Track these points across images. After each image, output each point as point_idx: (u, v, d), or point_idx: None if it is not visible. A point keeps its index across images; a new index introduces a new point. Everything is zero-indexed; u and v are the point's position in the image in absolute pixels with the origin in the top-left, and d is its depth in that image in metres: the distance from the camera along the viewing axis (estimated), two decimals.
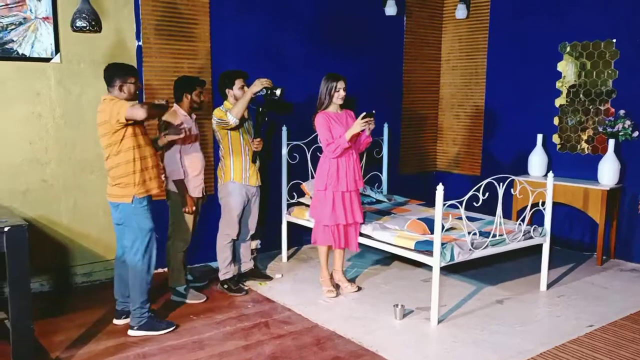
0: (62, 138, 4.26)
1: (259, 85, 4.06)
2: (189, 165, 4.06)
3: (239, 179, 4.27)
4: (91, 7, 3.74)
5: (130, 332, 3.57)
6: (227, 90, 4.29)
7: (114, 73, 3.47)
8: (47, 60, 4.16)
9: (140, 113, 3.29)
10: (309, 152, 5.19)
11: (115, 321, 3.75)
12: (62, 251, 4.35)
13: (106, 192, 3.58)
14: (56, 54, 4.18)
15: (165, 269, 4.31)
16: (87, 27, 3.70)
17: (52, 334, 3.56)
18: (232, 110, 4.08)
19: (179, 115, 3.97)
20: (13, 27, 4.02)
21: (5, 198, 4.01)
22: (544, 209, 4.31)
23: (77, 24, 3.69)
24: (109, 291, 4.13)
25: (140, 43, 4.51)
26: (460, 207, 3.77)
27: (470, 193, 3.79)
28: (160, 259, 4.45)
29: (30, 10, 4.07)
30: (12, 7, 4.00)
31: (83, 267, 4.43)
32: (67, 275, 4.39)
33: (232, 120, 4.07)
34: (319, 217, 4.23)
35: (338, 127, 4.12)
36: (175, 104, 4.08)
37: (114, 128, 3.36)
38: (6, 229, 2.85)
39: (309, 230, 4.63)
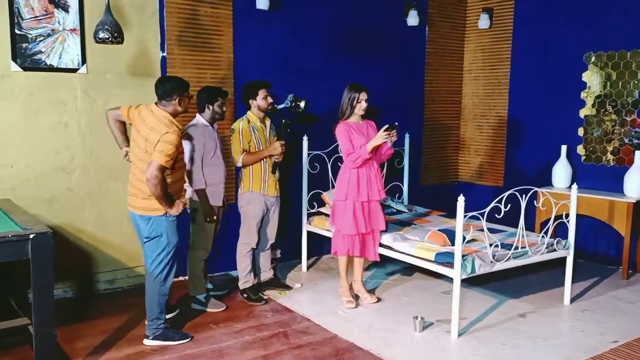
0: (87, 147, 4.34)
1: (278, 149, 4.24)
2: (211, 174, 4.10)
3: (257, 189, 4.29)
4: (114, 19, 3.82)
5: (146, 342, 3.58)
6: (250, 101, 4.34)
7: (174, 88, 3.45)
8: (74, 70, 4.25)
9: (153, 180, 3.28)
10: (329, 161, 5.20)
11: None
12: (86, 258, 4.42)
13: (132, 205, 3.51)
14: (82, 64, 4.27)
15: (186, 277, 4.34)
16: (110, 39, 3.78)
17: (75, 340, 3.60)
18: (245, 157, 4.23)
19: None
20: (42, 38, 4.12)
21: (32, 205, 4.10)
22: (568, 221, 4.24)
23: (100, 36, 3.78)
24: (131, 298, 4.20)
25: (165, 54, 4.58)
26: (481, 218, 3.73)
27: (492, 204, 3.75)
28: (181, 267, 4.51)
29: (58, 22, 4.17)
30: (41, 19, 4.11)
31: (106, 275, 4.50)
32: (91, 282, 4.45)
33: (238, 164, 4.30)
34: (339, 226, 4.23)
35: (359, 137, 4.12)
36: (197, 114, 4.13)
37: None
38: (31, 236, 2.90)
39: (329, 240, 4.62)
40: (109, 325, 3.84)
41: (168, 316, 3.82)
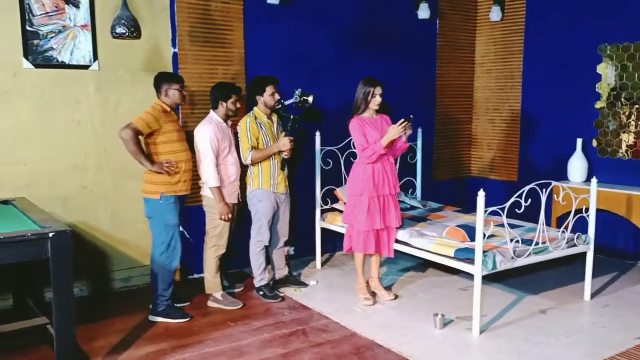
0: (100, 144, 4.30)
1: (287, 145, 4.17)
2: (225, 171, 4.06)
3: (267, 186, 4.23)
4: (131, 13, 3.77)
5: (150, 317, 3.89)
6: (257, 97, 4.28)
7: (162, 79, 3.87)
8: (86, 67, 4.21)
9: (125, 137, 3.63)
10: (342, 157, 5.15)
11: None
12: (101, 257, 4.38)
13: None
14: (94, 61, 4.23)
15: (203, 275, 4.30)
16: (127, 34, 3.73)
17: (93, 339, 3.57)
18: (254, 154, 4.14)
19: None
20: (53, 35, 4.07)
21: (46, 204, 4.04)
22: (587, 215, 4.18)
23: (117, 31, 3.72)
24: (146, 297, 4.16)
25: (176, 50, 4.53)
26: (502, 213, 3.68)
27: (512, 199, 3.70)
28: (197, 265, 4.48)
29: (70, 18, 4.12)
30: (52, 15, 4.06)
31: (121, 273, 4.46)
32: (106, 281, 4.42)
33: (247, 162, 4.18)
34: (354, 222, 4.18)
35: (373, 132, 4.06)
36: (211, 111, 4.09)
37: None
38: (51, 234, 2.86)
39: (343, 236, 4.58)
40: (127, 324, 3.81)
41: (177, 305, 4.04)
